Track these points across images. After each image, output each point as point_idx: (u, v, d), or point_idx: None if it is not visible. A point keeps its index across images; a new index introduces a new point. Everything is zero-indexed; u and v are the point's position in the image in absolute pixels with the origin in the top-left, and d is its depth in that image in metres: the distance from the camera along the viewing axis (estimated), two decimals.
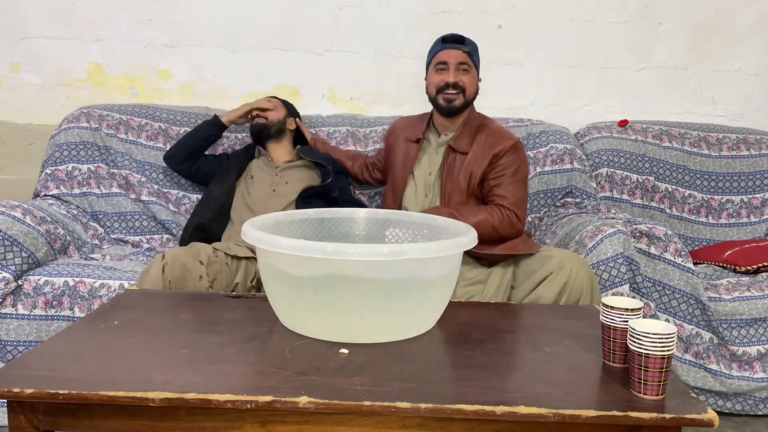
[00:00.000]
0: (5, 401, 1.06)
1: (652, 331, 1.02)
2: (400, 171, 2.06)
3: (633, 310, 1.14)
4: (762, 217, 2.60)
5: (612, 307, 1.15)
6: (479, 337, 1.30)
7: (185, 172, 2.35)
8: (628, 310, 1.14)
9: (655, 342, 1.02)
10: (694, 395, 1.06)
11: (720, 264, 2.36)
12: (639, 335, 1.03)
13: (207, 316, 1.39)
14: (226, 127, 2.36)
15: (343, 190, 2.27)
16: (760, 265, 2.26)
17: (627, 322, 1.13)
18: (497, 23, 2.73)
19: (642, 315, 1.17)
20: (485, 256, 1.86)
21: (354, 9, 2.70)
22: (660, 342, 1.02)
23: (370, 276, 1.19)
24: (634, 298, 1.82)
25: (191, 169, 2.34)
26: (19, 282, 1.88)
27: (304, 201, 2.12)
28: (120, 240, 2.40)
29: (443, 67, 1.96)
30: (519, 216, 1.90)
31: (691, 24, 2.76)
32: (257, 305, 1.47)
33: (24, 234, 1.93)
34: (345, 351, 1.20)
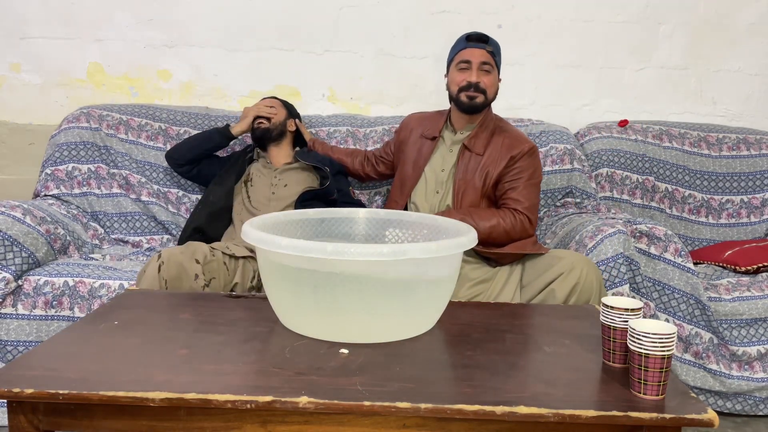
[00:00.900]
0: (5, 401, 1.06)
1: (652, 331, 1.02)
2: (411, 166, 2.06)
3: (633, 310, 1.14)
4: (762, 217, 2.60)
5: (612, 307, 1.15)
6: (479, 337, 1.30)
7: (186, 174, 2.35)
8: (628, 310, 1.14)
9: (655, 342, 1.02)
10: (694, 395, 1.06)
11: (720, 264, 2.36)
12: (639, 335, 1.03)
13: (207, 316, 1.39)
14: (234, 138, 2.36)
15: (342, 191, 2.27)
16: (760, 265, 2.26)
17: (627, 322, 1.13)
18: (497, 23, 2.73)
19: (642, 315, 1.17)
20: (495, 256, 1.86)
21: (354, 9, 2.70)
22: (660, 342, 1.02)
23: (370, 276, 1.19)
24: (634, 298, 1.82)
25: (192, 172, 2.34)
26: (19, 282, 1.88)
27: (303, 203, 2.13)
28: (120, 240, 2.40)
29: (466, 66, 1.95)
30: (531, 221, 1.91)
31: (691, 24, 2.76)
32: (257, 305, 1.47)
33: (24, 234, 1.93)
34: (345, 351, 1.20)
